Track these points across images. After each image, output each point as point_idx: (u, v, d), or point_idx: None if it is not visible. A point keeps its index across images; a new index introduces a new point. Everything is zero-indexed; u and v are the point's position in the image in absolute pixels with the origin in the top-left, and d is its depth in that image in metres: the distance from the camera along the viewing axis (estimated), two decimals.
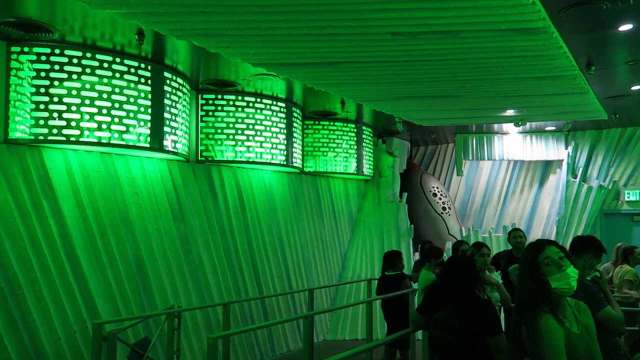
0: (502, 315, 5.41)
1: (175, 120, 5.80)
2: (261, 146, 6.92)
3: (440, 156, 11.96)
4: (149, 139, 5.41)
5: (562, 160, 10.26)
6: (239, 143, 6.75)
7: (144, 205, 5.81)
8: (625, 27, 4.39)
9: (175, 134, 5.81)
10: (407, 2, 3.46)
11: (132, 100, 5.25)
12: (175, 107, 5.82)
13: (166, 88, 5.63)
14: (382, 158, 10.02)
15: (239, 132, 6.75)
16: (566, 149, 10.24)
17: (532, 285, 2.27)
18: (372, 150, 9.54)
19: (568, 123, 9.48)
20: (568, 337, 2.19)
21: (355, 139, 8.87)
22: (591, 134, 10.12)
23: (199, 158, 6.64)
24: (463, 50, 4.47)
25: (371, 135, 9.47)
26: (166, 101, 5.63)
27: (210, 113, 6.68)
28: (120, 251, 5.50)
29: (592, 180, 10.03)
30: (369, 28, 3.94)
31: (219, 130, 6.68)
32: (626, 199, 9.74)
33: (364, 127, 9.10)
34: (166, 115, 5.63)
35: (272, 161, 7.07)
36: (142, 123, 5.33)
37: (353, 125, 8.83)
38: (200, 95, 6.68)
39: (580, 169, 10.09)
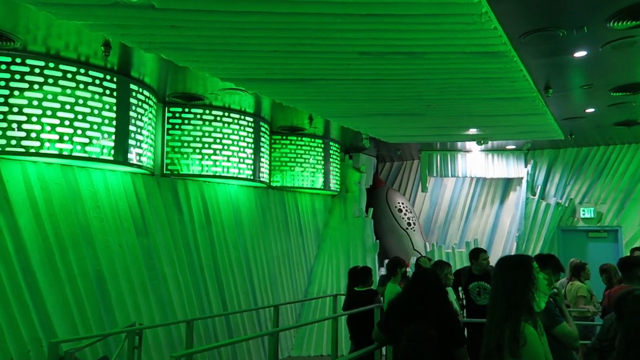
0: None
1: (140, 133, 5.71)
2: (228, 160, 6.88)
3: (405, 172, 12.16)
4: (112, 151, 5.29)
5: (522, 178, 10.60)
6: (206, 157, 6.69)
7: (106, 220, 5.66)
8: (580, 53, 4.63)
9: (140, 147, 5.71)
10: (375, 23, 3.54)
11: (96, 112, 5.14)
12: (141, 120, 5.73)
13: (132, 100, 5.55)
14: (348, 173, 10.11)
15: (206, 145, 6.70)
16: (526, 167, 10.60)
17: (525, 297, 2.41)
18: (339, 166, 9.61)
19: (527, 142, 9.84)
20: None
21: (322, 154, 8.93)
22: (549, 153, 10.52)
23: (164, 171, 6.54)
24: (428, 70, 4.60)
25: (338, 150, 9.55)
26: (132, 113, 5.54)
27: (177, 126, 6.61)
28: (80, 267, 5.32)
29: (550, 197, 10.40)
30: (337, 47, 4.01)
31: (186, 144, 6.61)
32: (582, 216, 10.12)
33: (331, 143, 9.18)
34: (131, 127, 5.53)
35: (239, 175, 7.03)
36: (106, 135, 5.22)
37: (320, 141, 8.90)
38: (166, 108, 6.60)
39: (539, 187, 10.45)
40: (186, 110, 6.62)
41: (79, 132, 4.99)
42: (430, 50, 4.08)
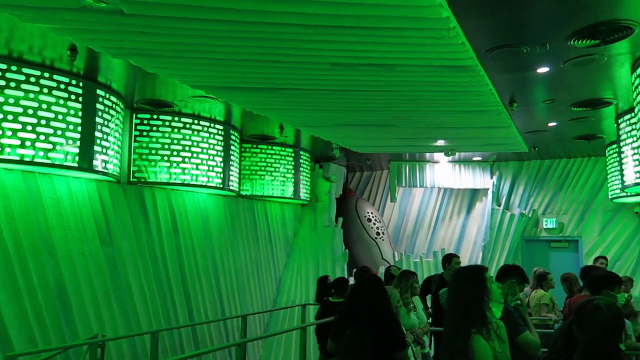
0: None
1: (106, 140, 5.58)
2: (197, 168, 6.79)
3: (375, 182, 12.26)
4: (77, 158, 5.16)
5: (488, 189, 10.84)
6: (174, 165, 6.59)
7: (69, 228, 5.50)
8: (543, 69, 4.79)
9: (106, 154, 5.58)
10: (347, 35, 3.58)
11: (60, 117, 5.00)
12: (107, 126, 5.61)
13: (98, 106, 5.42)
14: (318, 183, 10.13)
15: (174, 153, 6.60)
16: (491, 178, 10.86)
17: (479, 308, 2.42)
18: (309, 175, 9.62)
19: (493, 154, 10.09)
20: (495, 356, 2.38)
21: (292, 163, 8.92)
22: (513, 165, 10.81)
23: (131, 179, 6.41)
24: (398, 83, 4.68)
25: (309, 160, 9.56)
26: (98, 119, 5.42)
27: (145, 133, 6.49)
28: (40, 277, 5.14)
29: (514, 208, 10.67)
30: (309, 57, 4.03)
31: (154, 151, 6.50)
32: (544, 226, 10.42)
33: (301, 152, 9.19)
34: (97, 134, 5.41)
35: (208, 184, 6.95)
36: (70, 141, 5.09)
37: (291, 150, 8.89)
38: (134, 115, 6.48)
39: (504, 198, 10.71)
40: (154, 117, 6.52)
41: (42, 137, 4.85)
42: (400, 62, 4.15)
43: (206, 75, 4.52)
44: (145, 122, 6.50)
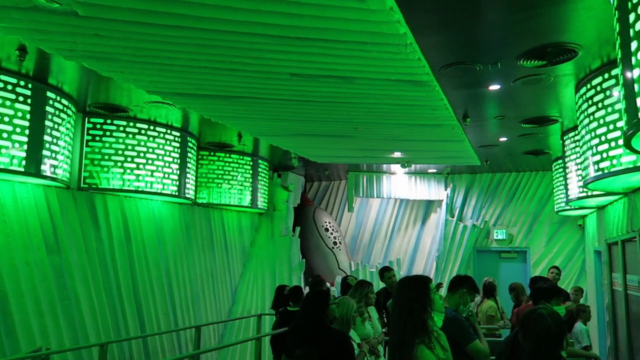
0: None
1: (56, 144, 5.38)
2: (152, 175, 6.63)
3: (332, 192, 12.35)
4: (24, 162, 4.94)
5: (442, 201, 11.12)
6: (128, 171, 6.42)
7: (13, 235, 5.24)
8: (494, 87, 4.99)
9: (55, 158, 5.37)
10: (307, 47, 3.61)
11: (6, 119, 4.78)
12: (58, 130, 5.40)
13: (48, 109, 5.22)
14: (276, 192, 10.10)
15: (128, 159, 6.42)
16: (445, 190, 11.15)
17: (422, 318, 2.46)
18: (267, 184, 9.58)
19: (447, 167, 10.37)
20: None
21: (250, 172, 8.87)
22: (467, 177, 11.14)
23: (82, 185, 6.19)
24: (357, 95, 4.74)
25: (267, 169, 9.53)
26: (47, 123, 5.21)
27: (98, 138, 6.29)
28: None
29: (467, 219, 10.98)
30: (268, 67, 4.03)
31: (106, 157, 6.30)
32: (495, 237, 10.78)
33: (260, 161, 9.15)
34: (46, 137, 5.20)
35: (163, 191, 6.80)
36: (17, 145, 4.87)
37: (249, 158, 8.84)
38: (87, 119, 6.28)
39: (457, 209, 11.01)
40: (108, 121, 6.33)
41: None
42: (359, 75, 4.21)
43: (163, 81, 4.43)
44: (98, 126, 6.31)
